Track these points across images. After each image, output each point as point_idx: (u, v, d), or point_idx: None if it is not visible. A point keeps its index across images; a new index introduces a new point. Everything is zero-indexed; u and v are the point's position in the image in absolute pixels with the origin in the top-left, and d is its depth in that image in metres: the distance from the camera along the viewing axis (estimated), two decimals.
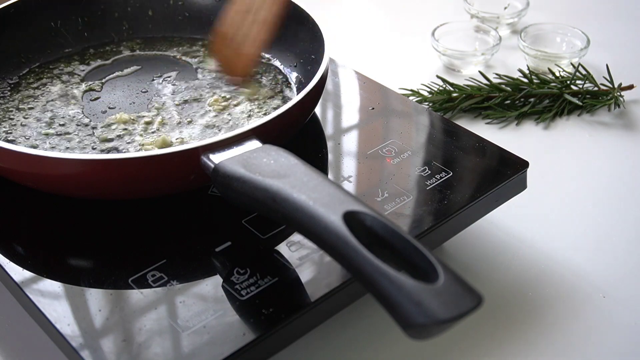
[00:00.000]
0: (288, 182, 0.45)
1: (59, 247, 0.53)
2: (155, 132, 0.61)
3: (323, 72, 0.59)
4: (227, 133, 0.51)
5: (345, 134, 0.63)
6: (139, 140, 0.60)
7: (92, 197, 0.54)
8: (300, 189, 0.44)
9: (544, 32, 0.89)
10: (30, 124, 0.62)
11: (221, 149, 0.50)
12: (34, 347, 0.54)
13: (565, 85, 0.79)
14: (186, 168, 0.51)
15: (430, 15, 0.98)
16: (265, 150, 0.49)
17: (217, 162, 0.49)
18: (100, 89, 0.68)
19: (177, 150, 0.50)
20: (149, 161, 0.50)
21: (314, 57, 0.65)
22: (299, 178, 0.45)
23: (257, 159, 0.48)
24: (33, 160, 0.51)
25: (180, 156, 0.50)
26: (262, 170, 0.47)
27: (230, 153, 0.50)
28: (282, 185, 0.44)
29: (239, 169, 0.47)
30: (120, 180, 0.51)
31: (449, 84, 0.79)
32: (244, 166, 0.48)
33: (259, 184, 0.46)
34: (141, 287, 0.48)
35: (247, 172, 0.47)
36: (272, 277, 0.49)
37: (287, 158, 0.48)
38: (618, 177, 0.71)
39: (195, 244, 0.52)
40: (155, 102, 0.65)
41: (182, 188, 0.54)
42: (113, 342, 0.45)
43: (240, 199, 0.48)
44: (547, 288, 0.59)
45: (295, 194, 0.43)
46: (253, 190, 0.46)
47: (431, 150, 0.60)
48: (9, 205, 0.56)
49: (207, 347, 0.44)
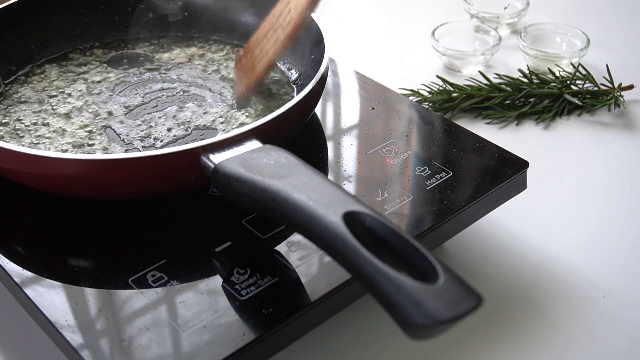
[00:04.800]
0: (288, 182, 0.45)
1: (59, 247, 0.53)
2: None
3: (323, 72, 0.59)
4: (227, 133, 0.51)
5: (345, 134, 0.63)
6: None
7: (92, 197, 0.54)
8: (300, 189, 0.44)
9: (544, 32, 0.89)
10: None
11: (221, 149, 0.50)
12: (34, 347, 0.54)
13: (565, 85, 0.79)
14: (186, 168, 0.51)
15: (430, 15, 0.98)
16: (265, 150, 0.49)
17: (217, 162, 0.49)
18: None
19: (177, 151, 0.50)
20: (149, 161, 0.50)
21: (314, 57, 0.65)
22: (299, 178, 0.45)
23: (257, 159, 0.48)
24: (33, 160, 0.51)
25: (180, 156, 0.50)
26: (262, 171, 0.47)
27: (230, 153, 0.50)
28: (282, 186, 0.44)
29: (238, 169, 0.47)
30: (120, 180, 0.51)
31: (449, 84, 0.79)
32: (244, 166, 0.48)
33: (259, 184, 0.46)
34: (141, 287, 0.48)
35: (247, 172, 0.47)
36: (272, 277, 0.49)
37: (288, 158, 0.48)
38: (618, 177, 0.71)
39: (195, 244, 0.52)
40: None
41: (182, 188, 0.54)
42: (113, 342, 0.45)
43: (240, 199, 0.48)
44: (547, 288, 0.59)
45: (295, 194, 0.43)
46: (253, 190, 0.46)
47: (431, 150, 0.60)
48: (9, 205, 0.56)
49: (207, 347, 0.44)
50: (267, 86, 0.67)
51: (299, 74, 0.68)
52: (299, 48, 0.68)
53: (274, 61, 0.62)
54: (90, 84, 0.68)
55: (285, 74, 0.69)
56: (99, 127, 0.62)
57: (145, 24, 0.75)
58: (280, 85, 0.67)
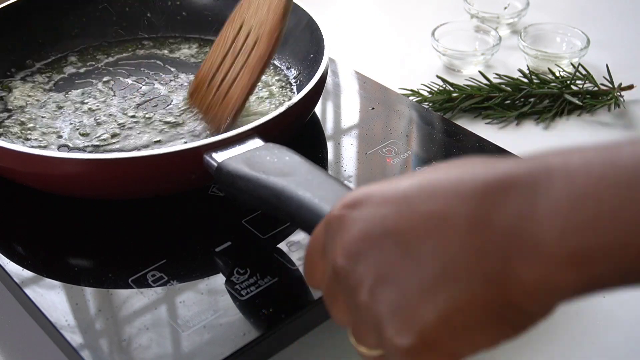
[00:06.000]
0: (293, 180, 0.45)
1: (59, 247, 0.53)
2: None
3: (323, 71, 0.59)
4: (229, 132, 0.51)
5: (345, 134, 0.63)
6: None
7: (93, 197, 0.54)
8: (305, 186, 0.44)
9: (544, 32, 0.88)
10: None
11: (224, 148, 0.50)
12: (34, 347, 0.54)
13: (565, 85, 0.79)
14: (188, 167, 0.51)
15: (430, 15, 0.98)
16: (268, 148, 0.49)
17: (220, 161, 0.49)
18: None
19: (179, 150, 0.50)
20: (150, 160, 0.50)
21: (313, 56, 0.65)
22: (304, 176, 0.45)
23: (260, 157, 0.48)
24: (34, 160, 0.51)
25: (182, 155, 0.50)
26: (266, 169, 0.47)
27: (232, 152, 0.50)
28: (287, 183, 0.44)
29: (242, 167, 0.47)
30: (121, 179, 0.51)
31: (449, 84, 0.79)
32: (247, 164, 0.48)
33: (263, 182, 0.46)
34: (141, 287, 0.48)
35: (251, 170, 0.47)
36: (272, 277, 0.49)
37: (291, 156, 0.48)
38: None
39: (195, 244, 0.52)
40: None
41: (184, 188, 0.54)
42: (113, 342, 0.45)
43: (244, 197, 0.48)
44: None
45: (300, 191, 0.43)
46: (257, 188, 0.46)
47: (431, 150, 0.60)
48: (8, 205, 0.56)
49: (207, 347, 0.44)
50: (267, 85, 0.67)
51: (299, 73, 0.68)
52: (299, 47, 0.68)
53: (254, 86, 0.59)
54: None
55: (285, 73, 0.69)
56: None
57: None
58: (280, 84, 0.67)
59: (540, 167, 0.31)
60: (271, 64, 0.70)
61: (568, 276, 0.29)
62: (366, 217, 0.34)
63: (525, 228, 0.30)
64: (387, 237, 0.33)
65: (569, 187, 0.29)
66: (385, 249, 0.33)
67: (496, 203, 0.31)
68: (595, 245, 0.28)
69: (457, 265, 0.31)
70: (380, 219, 0.33)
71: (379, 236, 0.33)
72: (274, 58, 0.70)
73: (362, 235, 0.34)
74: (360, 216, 0.34)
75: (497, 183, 0.31)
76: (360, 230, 0.34)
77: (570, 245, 0.29)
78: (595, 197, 0.29)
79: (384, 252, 0.33)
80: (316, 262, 0.38)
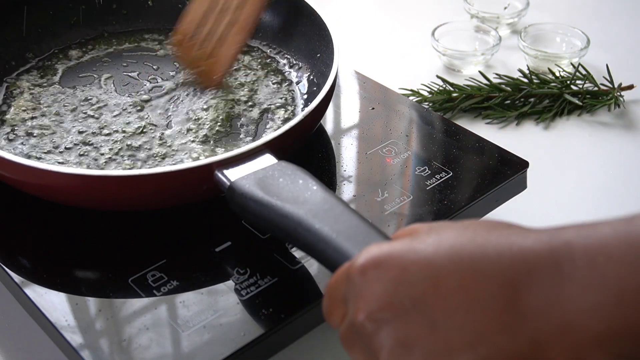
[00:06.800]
0: (309, 210, 0.43)
1: (59, 247, 0.53)
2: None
3: (333, 81, 0.58)
4: (241, 148, 0.51)
5: (345, 134, 0.63)
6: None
7: (100, 209, 0.54)
8: (322, 218, 0.43)
9: (544, 32, 0.88)
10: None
11: (235, 164, 0.49)
12: (34, 347, 0.54)
13: (565, 85, 0.79)
14: (199, 183, 0.50)
15: (430, 15, 0.98)
16: (281, 169, 0.48)
17: (233, 180, 0.48)
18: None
19: (190, 167, 0.49)
20: (160, 178, 0.50)
21: (319, 56, 0.65)
22: (320, 206, 0.44)
23: (273, 178, 0.47)
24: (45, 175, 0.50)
25: (193, 172, 0.50)
26: (280, 194, 0.46)
27: (244, 169, 0.49)
28: (304, 214, 0.43)
29: (256, 190, 0.46)
30: (130, 195, 0.51)
31: (449, 84, 0.79)
32: (260, 187, 0.46)
33: (278, 210, 0.44)
34: (141, 287, 0.48)
35: (265, 194, 0.46)
36: (272, 277, 0.49)
37: (305, 179, 0.47)
38: (618, 177, 0.71)
39: (196, 244, 0.52)
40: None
41: (193, 200, 0.54)
42: (113, 342, 0.45)
43: (257, 221, 0.47)
44: None
45: (317, 224, 0.42)
46: (272, 215, 0.45)
47: (431, 150, 0.60)
48: (9, 208, 0.56)
49: (207, 347, 0.44)
50: (267, 84, 0.67)
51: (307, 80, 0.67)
52: (302, 46, 0.68)
53: (243, 45, 0.63)
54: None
55: (291, 79, 0.69)
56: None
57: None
58: (283, 81, 0.67)
59: (562, 248, 0.32)
60: (274, 57, 0.70)
61: (597, 356, 0.30)
62: (390, 281, 0.34)
63: (553, 312, 0.31)
64: (413, 307, 0.33)
65: (591, 272, 0.31)
66: (411, 319, 0.33)
67: (524, 285, 0.32)
68: (622, 325, 0.30)
69: (487, 343, 0.32)
70: (406, 287, 0.34)
71: (404, 305, 0.34)
72: (281, 52, 0.71)
73: (386, 301, 0.34)
74: (384, 278, 0.35)
75: (522, 263, 0.33)
76: (384, 295, 0.34)
77: (598, 326, 0.30)
78: (618, 280, 0.31)
79: (409, 321, 0.33)
80: (336, 306, 0.38)
